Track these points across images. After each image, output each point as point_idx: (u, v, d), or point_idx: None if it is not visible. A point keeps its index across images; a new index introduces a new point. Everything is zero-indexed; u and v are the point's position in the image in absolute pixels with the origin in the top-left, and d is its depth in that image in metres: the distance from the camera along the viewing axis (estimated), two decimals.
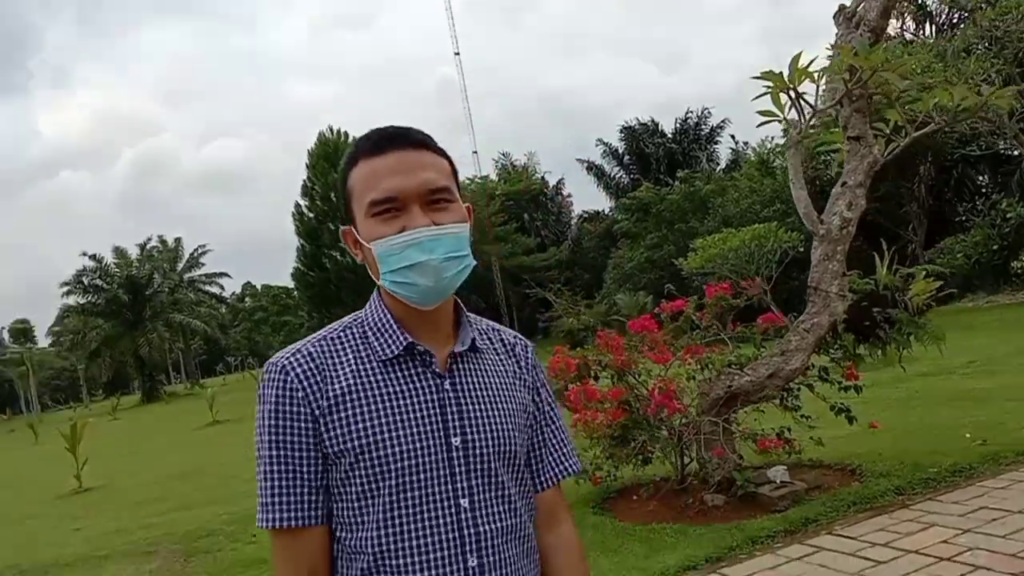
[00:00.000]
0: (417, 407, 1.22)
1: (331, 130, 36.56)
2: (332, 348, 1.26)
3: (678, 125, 46.25)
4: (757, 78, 5.97)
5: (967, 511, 4.59)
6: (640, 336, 6.37)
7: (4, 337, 64.81)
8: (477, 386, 1.29)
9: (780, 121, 6.50)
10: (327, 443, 1.20)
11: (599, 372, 6.08)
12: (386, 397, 1.21)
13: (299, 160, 38.82)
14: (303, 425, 1.20)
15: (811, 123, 6.07)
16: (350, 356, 1.25)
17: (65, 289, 45.43)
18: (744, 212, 27.67)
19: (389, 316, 1.28)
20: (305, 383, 1.21)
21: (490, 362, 1.34)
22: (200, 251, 53.45)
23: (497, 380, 1.32)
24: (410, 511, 1.20)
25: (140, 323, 46.03)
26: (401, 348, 1.24)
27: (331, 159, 34.99)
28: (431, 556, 1.19)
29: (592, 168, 47.27)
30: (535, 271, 41.36)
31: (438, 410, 1.23)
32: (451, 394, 1.25)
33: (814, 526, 4.77)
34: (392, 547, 1.19)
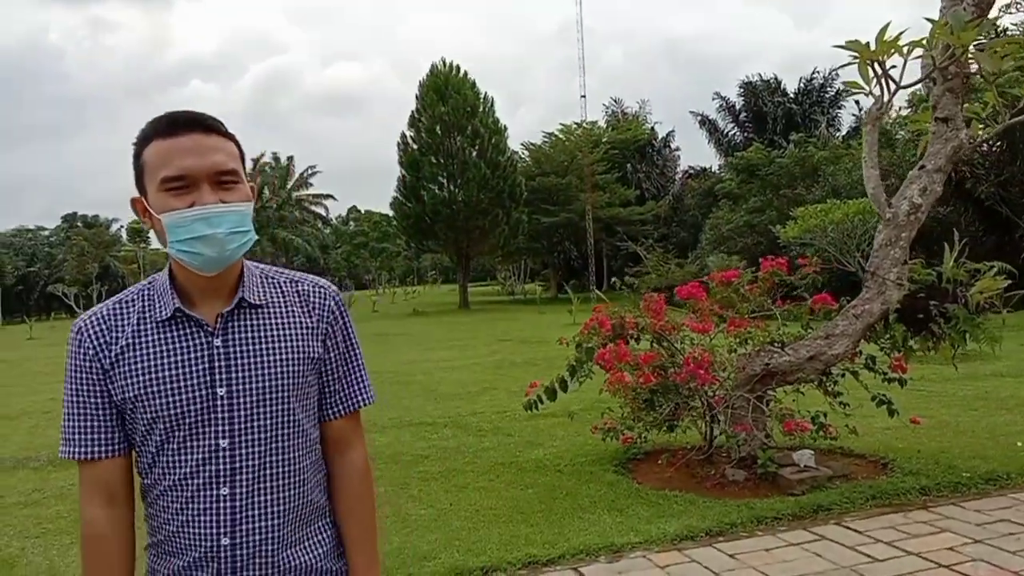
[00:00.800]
0: (184, 362, 1.40)
1: (443, 62, 36.52)
2: (122, 310, 1.46)
3: (802, 85, 44.13)
4: (841, 47, 5.69)
5: (986, 521, 4.42)
6: (691, 303, 6.32)
7: (122, 235, 69.06)
8: (248, 340, 1.44)
9: (866, 94, 6.20)
10: (113, 392, 1.42)
11: (640, 335, 6.05)
12: (158, 354, 1.40)
13: (413, 88, 38.96)
14: (93, 376, 1.42)
15: (892, 99, 5.76)
16: (134, 318, 1.44)
17: None
18: (855, 183, 26.35)
19: (168, 282, 1.45)
20: (95, 341, 1.42)
21: (271, 315, 1.48)
22: (310, 171, 55.21)
23: (275, 332, 1.46)
24: (174, 449, 1.41)
25: None
26: (170, 311, 1.42)
27: (440, 92, 35.09)
28: (188, 484, 1.41)
29: (705, 122, 45.82)
30: (630, 224, 40.86)
31: (206, 364, 1.40)
32: (220, 350, 1.41)
33: (825, 514, 4.69)
34: (160, 477, 1.43)
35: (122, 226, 72.21)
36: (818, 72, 43.85)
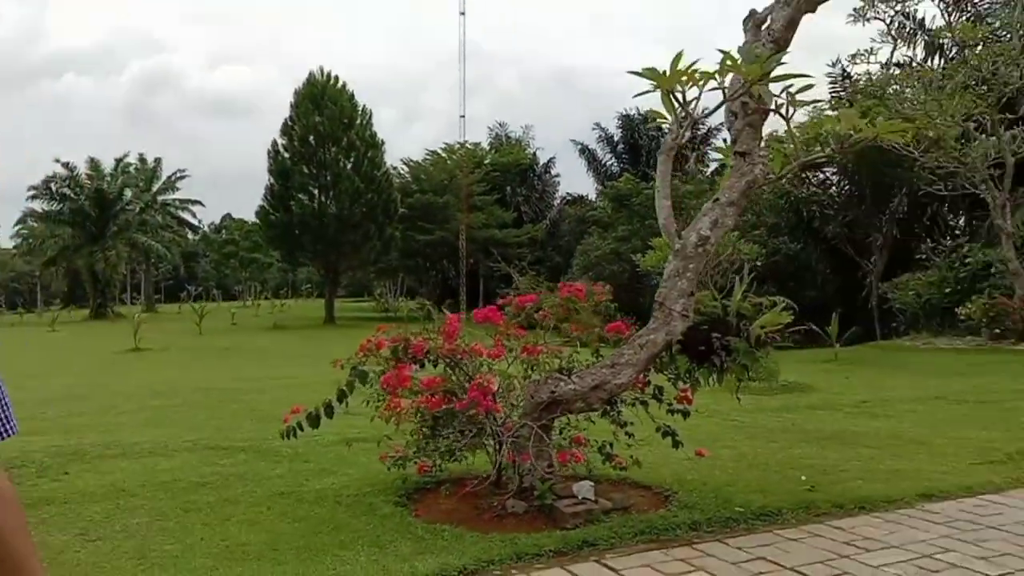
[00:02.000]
0: None
1: (321, 72, 35.78)
2: None
3: None
4: (636, 74, 5.64)
5: (743, 559, 4.34)
6: (499, 328, 6.10)
7: None
8: None
9: (661, 124, 6.23)
10: None
11: (434, 358, 5.77)
12: None
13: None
14: None
15: (687, 130, 5.77)
16: None
17: (31, 193, 44.67)
18: None
19: None
20: None
21: None
22: (177, 175, 52.40)
23: None
24: None
25: (101, 238, 45.02)
26: None
27: (316, 101, 34.36)
28: None
29: (585, 151, 46.93)
30: (507, 245, 41.08)
31: None
32: None
33: (589, 550, 4.50)
34: None
35: None
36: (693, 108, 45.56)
